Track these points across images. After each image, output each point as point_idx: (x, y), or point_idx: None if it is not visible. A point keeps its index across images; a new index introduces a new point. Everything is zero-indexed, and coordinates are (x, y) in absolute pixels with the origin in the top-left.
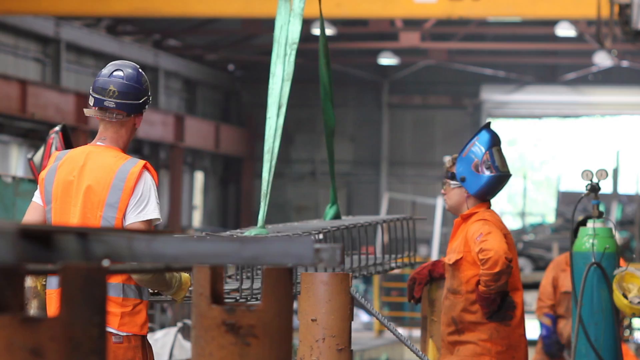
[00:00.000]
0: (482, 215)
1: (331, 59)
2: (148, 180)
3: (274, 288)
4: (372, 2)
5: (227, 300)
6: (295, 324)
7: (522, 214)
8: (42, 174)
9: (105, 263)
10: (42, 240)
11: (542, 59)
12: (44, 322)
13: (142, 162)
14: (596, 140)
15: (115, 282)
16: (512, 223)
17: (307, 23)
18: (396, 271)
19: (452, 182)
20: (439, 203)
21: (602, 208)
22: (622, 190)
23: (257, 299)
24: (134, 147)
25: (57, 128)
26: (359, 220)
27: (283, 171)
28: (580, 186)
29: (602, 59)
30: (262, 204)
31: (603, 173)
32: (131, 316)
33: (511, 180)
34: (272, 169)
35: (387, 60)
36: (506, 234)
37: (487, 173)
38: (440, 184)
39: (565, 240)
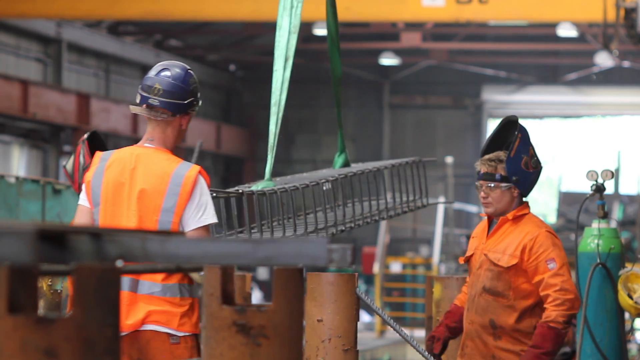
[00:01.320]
0: (539, 223)
1: None
2: (204, 185)
3: (284, 288)
4: (380, 5)
5: None
6: None
7: None
8: (88, 176)
9: (119, 263)
10: (56, 241)
11: (543, 59)
12: (58, 323)
13: (196, 166)
14: (597, 140)
15: (171, 282)
16: None
17: (308, 25)
18: (397, 272)
19: (502, 184)
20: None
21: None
22: (624, 190)
23: None
24: None
25: (85, 136)
26: (367, 166)
27: (284, 171)
28: (581, 186)
29: (604, 60)
30: (269, 157)
31: (608, 173)
32: (188, 316)
33: None
34: (279, 122)
35: (388, 60)
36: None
37: (534, 169)
38: (442, 184)
39: (567, 241)
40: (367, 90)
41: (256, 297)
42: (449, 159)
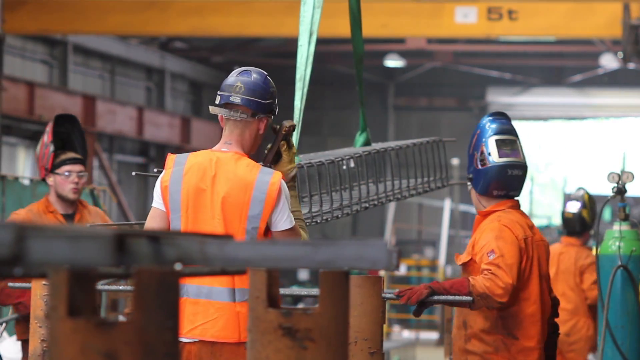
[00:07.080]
0: (500, 219)
1: (337, 61)
2: (285, 191)
3: (330, 291)
4: (416, 23)
5: None
6: None
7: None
8: (165, 180)
9: (178, 267)
10: (115, 245)
11: (548, 61)
12: (118, 326)
13: (278, 173)
14: (602, 142)
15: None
16: None
17: None
18: (402, 274)
19: (468, 183)
20: (447, 205)
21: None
22: (629, 192)
23: (317, 222)
24: (140, 149)
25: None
26: (390, 144)
27: None
28: (585, 188)
29: (608, 61)
30: (294, 133)
31: (629, 176)
32: None
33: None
34: (304, 97)
35: (393, 62)
36: (526, 237)
37: (482, 166)
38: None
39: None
40: (371, 92)
41: None
42: (455, 161)
